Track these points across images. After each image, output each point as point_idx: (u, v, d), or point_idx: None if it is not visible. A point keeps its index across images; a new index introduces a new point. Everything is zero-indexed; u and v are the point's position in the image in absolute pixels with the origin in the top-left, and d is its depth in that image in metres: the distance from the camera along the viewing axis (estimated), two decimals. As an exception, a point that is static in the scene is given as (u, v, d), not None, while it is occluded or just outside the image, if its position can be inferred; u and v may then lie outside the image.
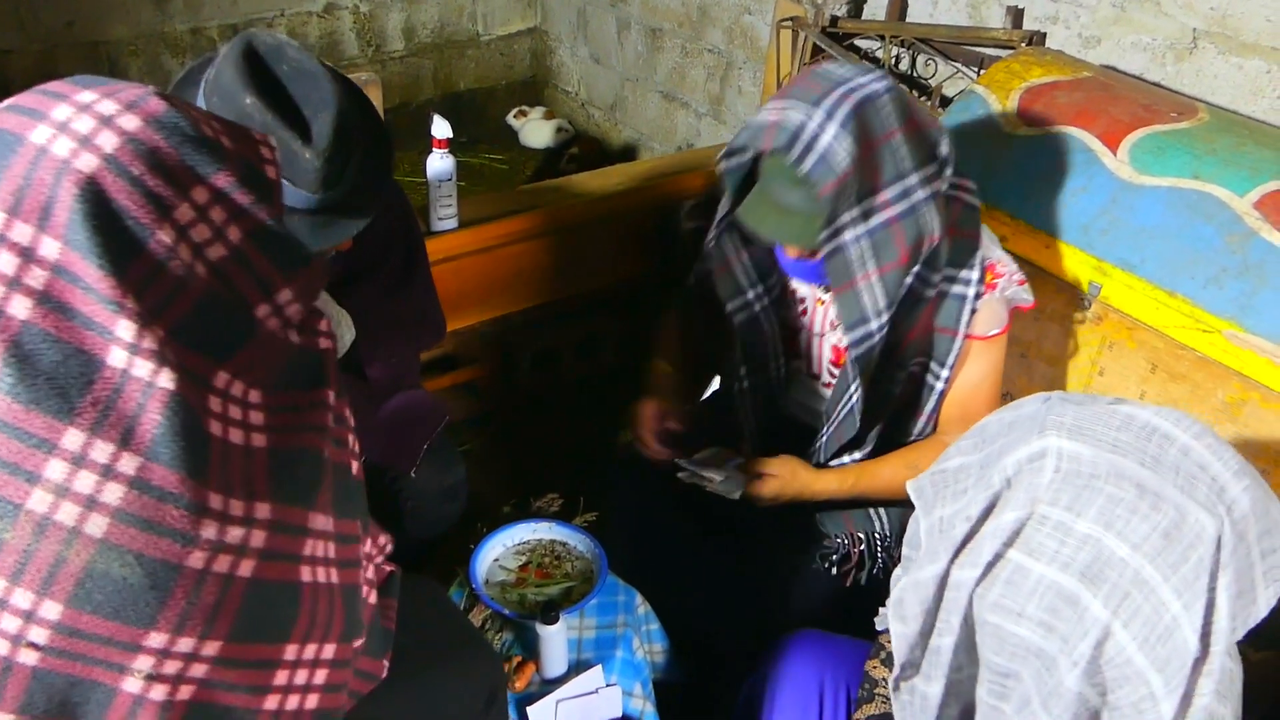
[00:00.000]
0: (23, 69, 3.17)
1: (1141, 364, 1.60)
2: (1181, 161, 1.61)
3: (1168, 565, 0.79)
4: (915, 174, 1.35)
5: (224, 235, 0.77)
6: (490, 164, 3.94)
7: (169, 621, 0.74)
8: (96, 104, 0.74)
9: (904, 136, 1.33)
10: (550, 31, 4.21)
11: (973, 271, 1.44)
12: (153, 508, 0.72)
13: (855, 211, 1.33)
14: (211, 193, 0.77)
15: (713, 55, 3.32)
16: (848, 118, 1.28)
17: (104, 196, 0.71)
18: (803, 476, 1.50)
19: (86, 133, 0.73)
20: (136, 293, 0.72)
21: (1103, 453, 0.83)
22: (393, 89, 3.93)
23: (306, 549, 0.85)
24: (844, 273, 1.36)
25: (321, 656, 0.90)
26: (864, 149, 1.29)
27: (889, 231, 1.34)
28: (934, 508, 0.94)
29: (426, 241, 1.82)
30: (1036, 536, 0.84)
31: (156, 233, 0.73)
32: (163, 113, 0.76)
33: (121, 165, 0.72)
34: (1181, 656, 0.79)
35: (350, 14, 3.78)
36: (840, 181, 1.28)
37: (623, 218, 2.48)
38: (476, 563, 1.65)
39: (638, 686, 1.57)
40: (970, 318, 1.46)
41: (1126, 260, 1.60)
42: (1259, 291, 1.46)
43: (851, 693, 1.31)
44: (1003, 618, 0.85)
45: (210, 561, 0.75)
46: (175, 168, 0.75)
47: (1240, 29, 1.92)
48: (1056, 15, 2.24)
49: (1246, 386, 1.46)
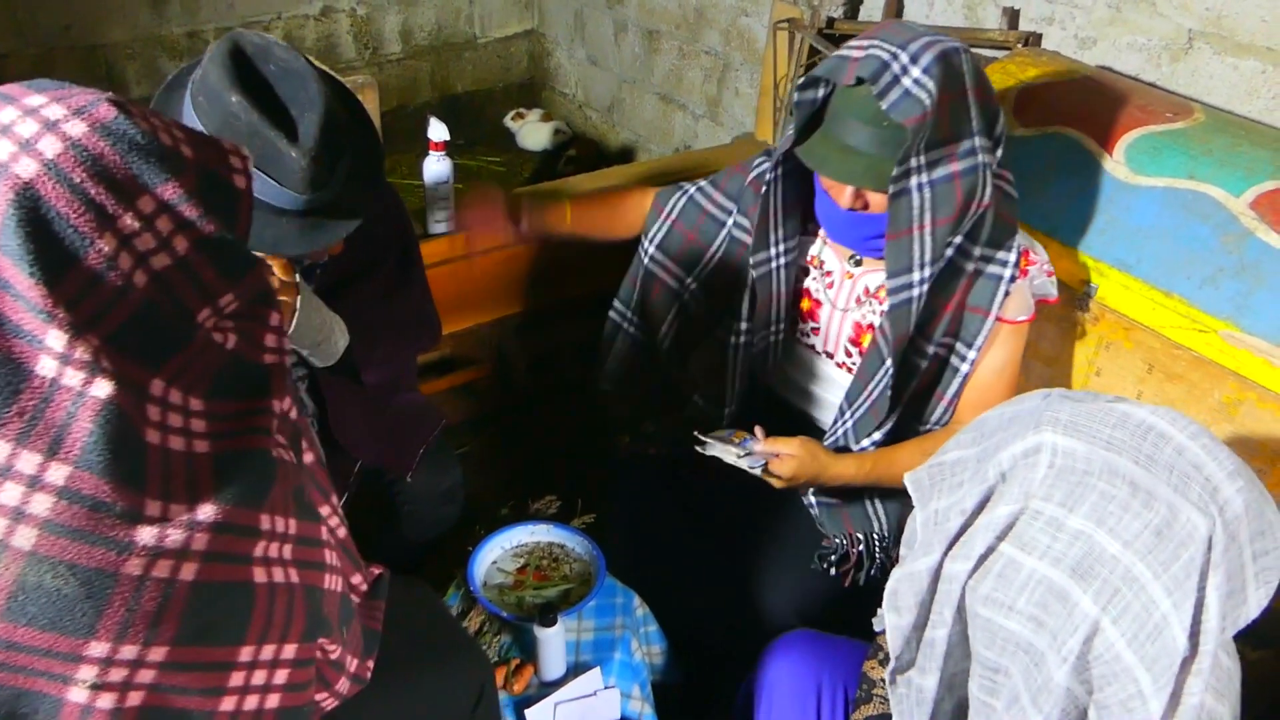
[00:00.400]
0: (20, 73, 3.16)
1: (1138, 364, 1.60)
2: (1177, 162, 1.61)
3: (1158, 563, 0.79)
4: (981, 137, 1.36)
5: (170, 245, 0.76)
6: (488, 166, 3.94)
7: (109, 630, 0.73)
8: (44, 108, 0.73)
9: (975, 97, 1.35)
10: (547, 34, 4.21)
11: (1010, 254, 1.45)
12: (84, 517, 0.71)
13: (924, 158, 1.32)
14: (158, 203, 0.75)
15: (710, 57, 3.32)
16: (933, 62, 1.29)
17: (41, 203, 0.70)
18: (821, 458, 1.48)
19: (29, 137, 0.71)
20: (71, 302, 0.70)
21: (1097, 449, 0.84)
22: (390, 92, 3.93)
23: (259, 550, 0.84)
24: (904, 219, 1.36)
25: (281, 656, 0.89)
26: (944, 96, 1.30)
27: (951, 186, 1.35)
28: (930, 500, 0.94)
29: (423, 244, 1.82)
30: (1029, 531, 0.84)
31: (96, 241, 0.71)
32: (111, 119, 0.74)
33: (62, 172, 0.71)
34: (1170, 655, 0.79)
35: (347, 17, 3.78)
36: (921, 120, 1.28)
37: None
38: (474, 565, 1.65)
39: (636, 688, 1.57)
40: (1004, 300, 1.46)
41: (1123, 260, 1.61)
42: (1255, 291, 1.46)
43: (849, 693, 1.31)
44: (994, 611, 0.85)
45: (149, 567, 0.74)
46: (120, 176, 0.73)
47: (1235, 29, 1.92)
48: (1052, 16, 2.24)
49: (1243, 386, 1.47)
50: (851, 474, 1.50)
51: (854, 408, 1.54)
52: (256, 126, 1.16)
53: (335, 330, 1.47)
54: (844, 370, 1.61)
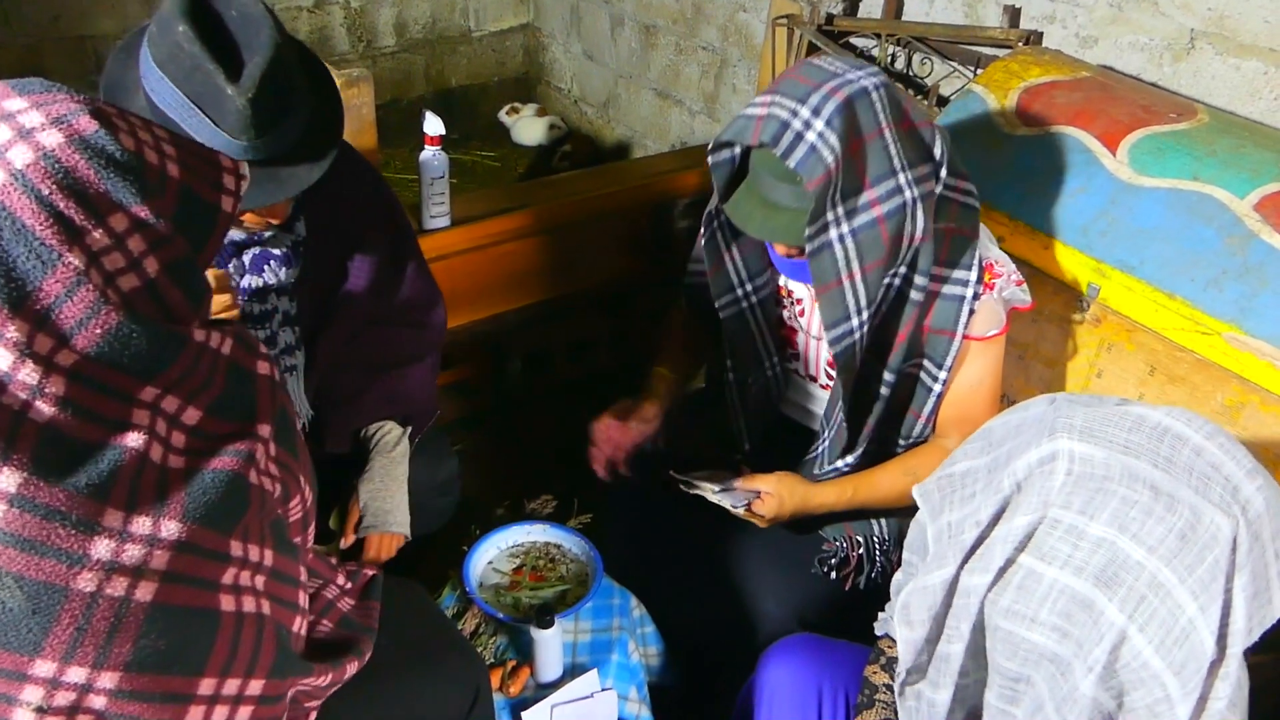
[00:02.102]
0: (7, 64, 3.13)
1: (1140, 366, 1.59)
2: (1181, 163, 1.60)
3: (1184, 567, 0.78)
4: (905, 172, 1.32)
5: (140, 266, 0.74)
6: (482, 161, 3.91)
7: (56, 649, 0.70)
8: (21, 114, 0.71)
9: (894, 134, 1.31)
10: (543, 28, 4.19)
11: (970, 272, 1.42)
12: (36, 526, 0.68)
13: (841, 209, 1.30)
14: (132, 220, 0.73)
15: (707, 53, 3.30)
16: (835, 113, 1.26)
17: (5, 216, 0.68)
18: (800, 491, 1.49)
19: (1, 143, 0.69)
20: (35, 318, 0.68)
21: (1115, 454, 0.82)
22: (384, 85, 3.90)
23: (227, 577, 0.81)
24: (829, 272, 1.34)
25: (246, 692, 0.85)
26: (851, 145, 1.27)
27: (876, 230, 1.32)
28: (941, 512, 0.93)
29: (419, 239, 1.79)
30: (1048, 541, 0.83)
31: (65, 256, 0.69)
32: (90, 132, 0.72)
33: (30, 183, 0.69)
34: (1198, 659, 0.78)
35: (341, 9, 3.75)
36: (826, 178, 1.26)
37: (616, 216, 2.46)
38: (470, 566, 1.63)
39: (633, 690, 1.55)
40: (968, 318, 1.44)
41: (1125, 262, 1.60)
42: (1259, 294, 1.45)
43: (850, 698, 1.30)
44: (1015, 624, 0.84)
45: (102, 583, 0.71)
46: (92, 191, 0.71)
47: (1238, 30, 1.91)
48: (1054, 14, 2.23)
49: (1246, 389, 1.46)
50: (833, 502, 1.51)
51: (828, 430, 1.55)
52: (199, 60, 1.13)
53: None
54: (828, 391, 1.61)
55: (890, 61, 2.52)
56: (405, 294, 1.66)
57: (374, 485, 1.57)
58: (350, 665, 1.06)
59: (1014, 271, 1.47)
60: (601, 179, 2.51)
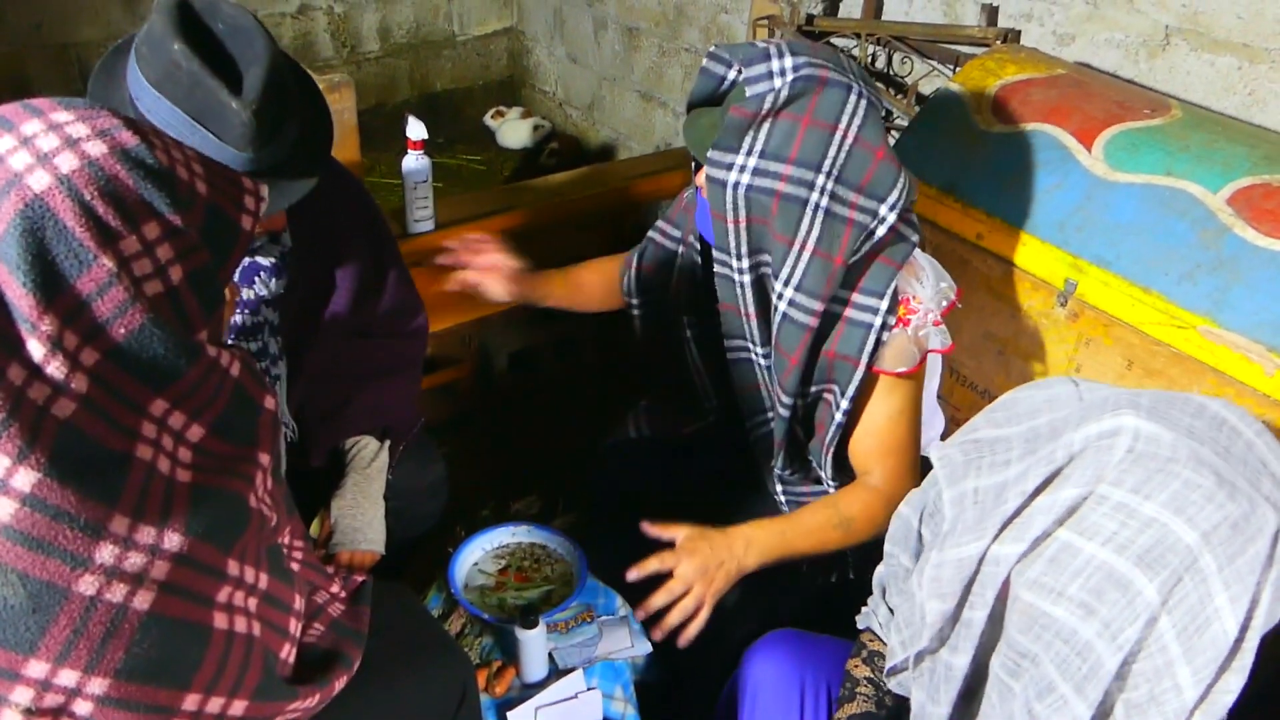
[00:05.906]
0: (-11, 71, 3.13)
1: (1118, 360, 1.60)
2: (1155, 158, 1.61)
3: (1225, 556, 0.78)
4: (840, 185, 1.31)
5: (165, 272, 0.77)
6: (468, 165, 3.92)
7: (50, 650, 0.71)
8: (68, 125, 0.75)
9: (846, 144, 1.30)
10: (527, 31, 4.19)
11: (881, 301, 1.38)
12: (45, 526, 0.70)
13: (754, 159, 1.31)
14: (163, 229, 0.76)
15: (690, 54, 3.31)
16: (805, 80, 1.28)
17: (48, 216, 0.71)
18: (721, 548, 1.38)
19: (48, 150, 0.73)
20: (66, 314, 0.71)
21: (1181, 437, 0.82)
22: (368, 90, 3.90)
23: (222, 595, 0.82)
24: (717, 201, 1.34)
25: (229, 712, 0.85)
26: (803, 118, 1.29)
27: (767, 197, 1.31)
28: (964, 478, 0.92)
29: (402, 244, 1.80)
30: (1092, 516, 0.82)
31: (100, 258, 0.72)
32: (132, 145, 0.76)
33: (74, 187, 0.72)
34: (1216, 648, 0.78)
35: (325, 15, 3.75)
36: (753, 116, 1.28)
37: (601, 218, 2.47)
38: (455, 567, 1.64)
39: (619, 689, 1.56)
40: (875, 349, 1.40)
41: (1102, 257, 1.61)
42: (1232, 287, 1.47)
43: (832, 692, 1.31)
44: (1039, 596, 0.83)
45: (102, 588, 0.72)
46: (130, 199, 0.75)
47: (1212, 26, 1.93)
48: (1031, 13, 2.25)
49: (1221, 382, 1.47)
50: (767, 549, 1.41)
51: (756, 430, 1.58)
52: (198, 76, 1.12)
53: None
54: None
55: (870, 61, 2.53)
56: (387, 302, 1.66)
57: (345, 502, 1.55)
58: (339, 681, 1.07)
59: (933, 312, 1.42)
60: (585, 180, 2.51)
